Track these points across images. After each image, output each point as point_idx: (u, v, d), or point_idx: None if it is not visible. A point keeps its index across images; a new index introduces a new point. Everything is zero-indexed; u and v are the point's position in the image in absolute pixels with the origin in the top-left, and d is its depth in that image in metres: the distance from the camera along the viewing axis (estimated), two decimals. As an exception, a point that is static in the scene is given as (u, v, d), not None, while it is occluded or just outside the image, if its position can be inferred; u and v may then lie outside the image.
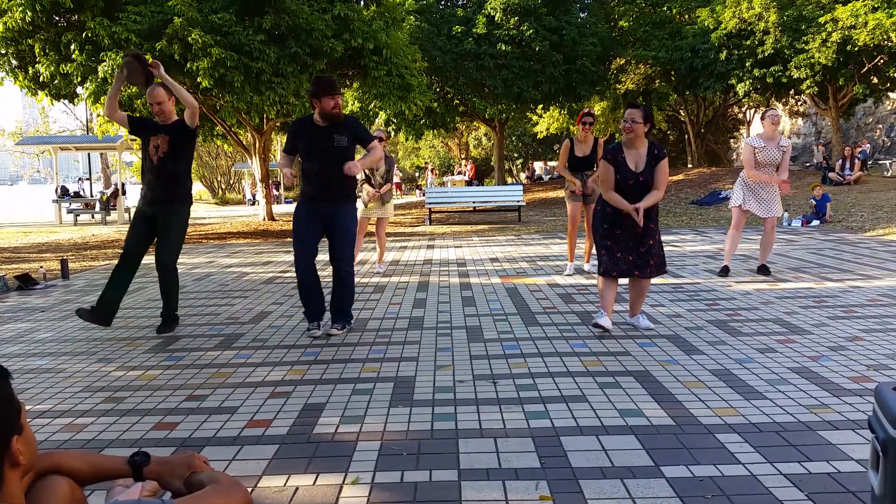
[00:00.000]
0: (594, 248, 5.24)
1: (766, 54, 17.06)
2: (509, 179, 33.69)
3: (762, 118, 6.52)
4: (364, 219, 7.76)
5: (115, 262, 5.49)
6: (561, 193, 18.32)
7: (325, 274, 5.40)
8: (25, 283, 7.22)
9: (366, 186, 7.56)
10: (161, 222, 4.93)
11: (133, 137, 13.68)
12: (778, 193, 6.62)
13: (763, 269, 6.70)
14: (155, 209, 4.94)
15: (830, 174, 16.35)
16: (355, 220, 4.89)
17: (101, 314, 4.92)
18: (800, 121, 27.26)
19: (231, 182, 38.92)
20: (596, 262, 5.11)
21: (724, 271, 6.71)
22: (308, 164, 4.79)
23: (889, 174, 17.58)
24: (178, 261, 5.12)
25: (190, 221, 5.25)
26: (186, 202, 5.09)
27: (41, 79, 11.66)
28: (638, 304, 4.77)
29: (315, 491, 2.44)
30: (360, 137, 4.79)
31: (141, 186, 5.11)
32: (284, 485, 2.50)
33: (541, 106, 22.84)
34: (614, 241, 4.55)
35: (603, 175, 4.59)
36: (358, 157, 4.92)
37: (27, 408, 3.40)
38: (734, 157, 31.62)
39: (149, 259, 5.20)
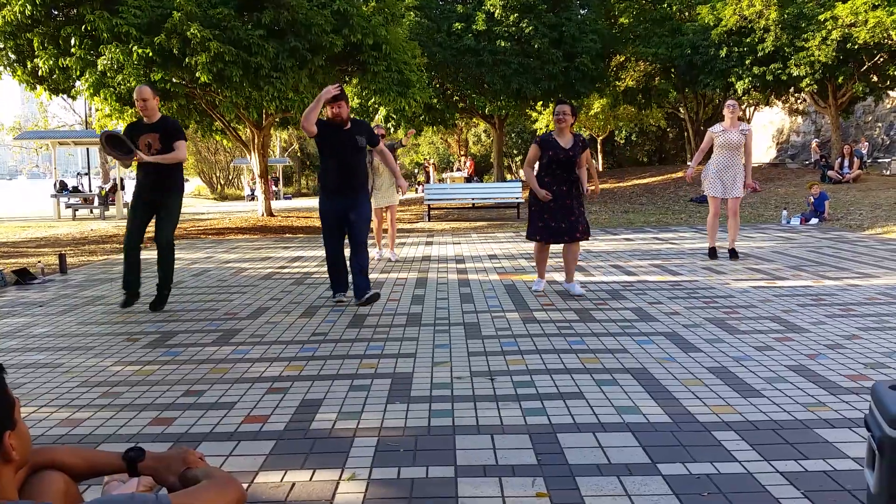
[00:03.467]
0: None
1: (766, 52, 17.04)
2: (508, 176, 33.67)
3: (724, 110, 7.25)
4: (378, 210, 8.16)
5: (113, 257, 5.71)
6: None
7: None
8: (23, 277, 7.21)
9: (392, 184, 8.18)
10: (160, 207, 5.47)
11: None
12: (740, 176, 7.25)
13: (733, 254, 7.41)
14: (153, 197, 5.47)
15: (829, 172, 16.35)
16: (370, 207, 5.65)
17: (133, 294, 5.65)
18: (799, 119, 27.24)
19: (230, 177, 38.90)
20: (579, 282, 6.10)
21: (712, 253, 7.45)
22: (329, 160, 5.45)
23: (888, 172, 17.58)
24: (177, 255, 5.73)
25: (189, 217, 5.84)
26: (181, 191, 5.61)
27: (40, 73, 11.64)
28: (571, 270, 5.85)
29: (312, 486, 2.44)
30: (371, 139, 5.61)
31: (136, 179, 5.60)
32: (281, 480, 2.50)
33: (540, 103, 22.81)
34: (545, 212, 5.64)
35: (529, 154, 5.78)
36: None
37: (23, 402, 3.40)
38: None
39: (144, 256, 5.34)
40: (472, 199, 15.45)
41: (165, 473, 1.66)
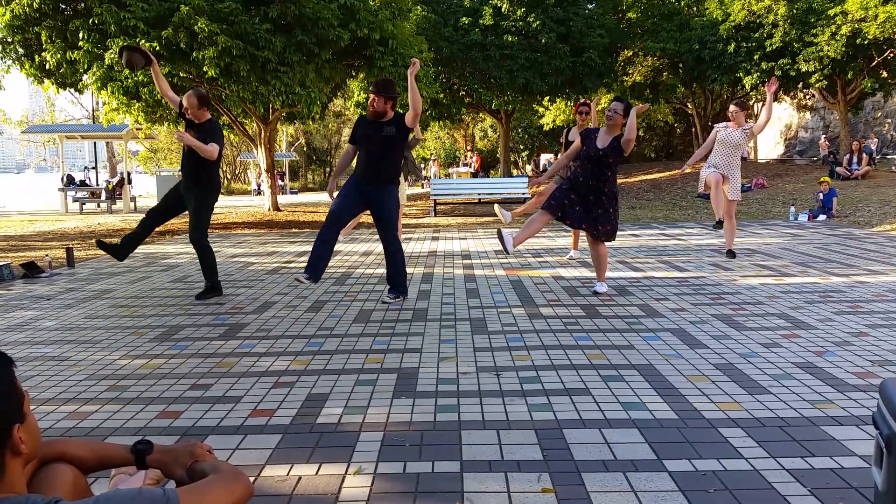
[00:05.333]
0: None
1: (775, 47, 16.94)
2: (515, 171, 33.64)
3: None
4: None
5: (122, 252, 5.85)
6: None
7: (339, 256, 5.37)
8: (31, 271, 7.24)
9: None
10: (187, 203, 5.74)
11: (139, 126, 13.73)
12: (738, 178, 7.16)
13: (730, 254, 7.30)
14: (183, 192, 5.77)
15: (838, 169, 16.26)
16: (397, 202, 5.57)
17: (117, 250, 5.88)
18: (807, 115, 27.09)
19: (236, 172, 38.96)
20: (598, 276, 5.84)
21: (719, 224, 7.25)
22: (361, 149, 5.51)
23: (897, 169, 17.47)
24: (184, 249, 5.82)
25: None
26: (206, 189, 5.75)
27: (47, 67, 11.66)
28: (598, 271, 5.71)
29: (318, 481, 2.45)
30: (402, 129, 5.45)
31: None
32: (287, 474, 2.51)
33: (547, 98, 22.76)
34: (567, 194, 5.55)
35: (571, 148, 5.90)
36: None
37: (31, 395, 3.42)
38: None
39: (153, 250, 5.37)
40: (479, 194, 15.43)
41: (173, 466, 1.66)
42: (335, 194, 5.58)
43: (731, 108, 7.11)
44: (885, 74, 17.14)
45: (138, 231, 5.87)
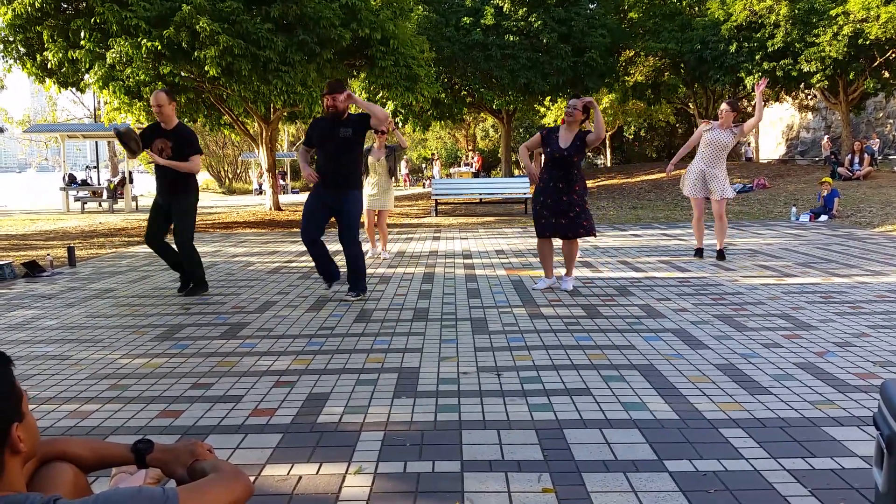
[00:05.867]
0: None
1: (777, 47, 16.93)
2: (516, 171, 33.61)
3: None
4: (370, 212, 7.88)
5: (122, 250, 5.90)
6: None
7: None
8: (32, 270, 7.25)
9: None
10: (173, 209, 5.74)
11: (141, 126, 13.74)
12: (724, 176, 7.13)
13: (720, 255, 7.28)
14: (166, 199, 5.76)
15: (839, 169, 16.24)
16: (360, 205, 5.63)
17: (185, 276, 6.00)
18: (809, 115, 27.06)
19: (238, 171, 38.96)
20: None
21: (699, 253, 7.44)
22: (318, 153, 5.55)
23: (899, 169, 17.46)
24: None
25: (197, 210, 5.92)
26: (191, 193, 5.81)
27: (49, 66, 11.67)
28: (568, 267, 5.81)
29: (318, 480, 2.45)
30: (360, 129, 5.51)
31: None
32: (288, 473, 2.51)
33: (549, 98, 22.74)
34: (544, 208, 5.62)
35: (531, 140, 5.87)
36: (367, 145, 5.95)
37: (32, 394, 3.42)
38: (741, 150, 31.45)
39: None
40: (480, 194, 15.43)
41: (174, 465, 1.66)
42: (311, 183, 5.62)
43: (724, 106, 7.03)
44: (886, 75, 17.12)
45: (171, 262, 5.98)
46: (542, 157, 5.82)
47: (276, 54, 11.05)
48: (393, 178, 8.07)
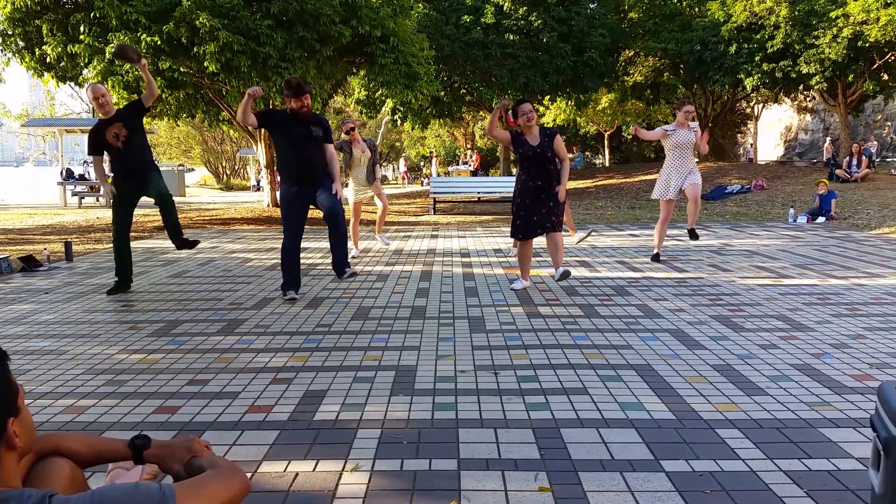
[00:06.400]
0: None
1: (776, 49, 16.93)
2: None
3: (677, 109, 7.17)
4: (357, 204, 7.93)
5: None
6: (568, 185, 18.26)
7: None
8: (29, 264, 7.23)
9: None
10: (144, 184, 5.79)
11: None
12: (695, 168, 7.20)
13: (692, 234, 7.40)
14: (134, 186, 5.80)
15: (837, 171, 16.26)
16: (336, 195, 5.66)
17: (123, 283, 5.94)
18: (808, 117, 27.09)
19: (235, 168, 38.91)
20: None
21: (655, 258, 7.31)
22: (286, 151, 5.53)
23: (897, 172, 17.49)
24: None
25: (194, 206, 6.13)
26: (157, 170, 5.97)
27: (48, 60, 11.64)
28: (557, 260, 5.77)
29: (315, 477, 2.45)
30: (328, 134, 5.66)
31: (114, 180, 5.85)
32: (284, 470, 2.50)
33: (548, 97, 22.73)
34: (522, 209, 5.68)
35: (503, 133, 5.87)
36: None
37: (28, 389, 3.42)
38: (741, 151, 31.49)
39: (151, 245, 5.38)
40: (478, 192, 15.43)
41: (170, 461, 1.66)
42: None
43: (688, 107, 7.03)
44: (885, 77, 17.14)
45: (127, 266, 5.97)
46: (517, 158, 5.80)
47: (276, 51, 11.02)
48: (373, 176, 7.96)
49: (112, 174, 5.87)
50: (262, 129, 15.21)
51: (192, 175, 39.93)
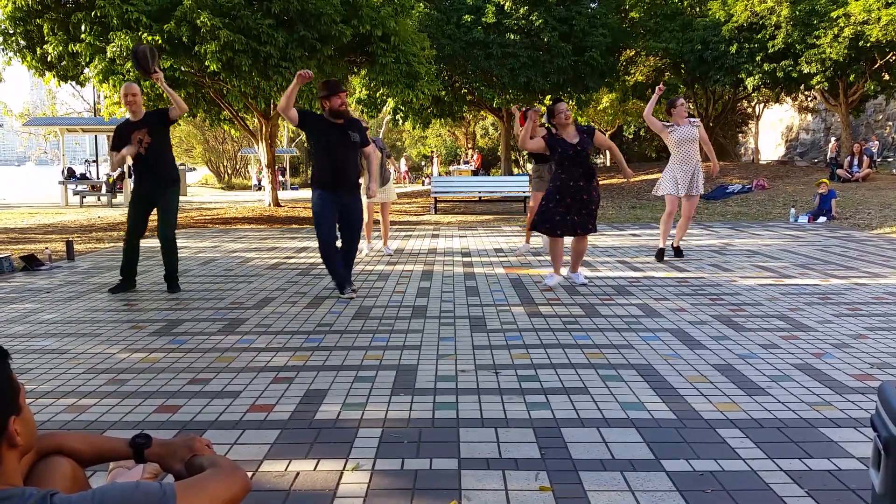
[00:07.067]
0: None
1: (777, 48, 16.92)
2: (515, 170, 33.60)
3: (668, 111, 7.24)
4: (370, 205, 7.95)
5: (121, 244, 5.89)
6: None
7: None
8: (31, 263, 7.24)
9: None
10: (159, 202, 5.74)
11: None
12: (699, 173, 7.17)
13: (678, 252, 7.38)
14: (152, 191, 5.73)
15: (838, 171, 16.25)
16: (362, 207, 5.81)
17: (128, 281, 5.93)
18: (809, 117, 27.07)
19: (237, 167, 38.92)
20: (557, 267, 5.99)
21: (660, 255, 7.24)
22: (321, 156, 5.49)
23: (898, 172, 17.46)
24: (184, 243, 5.94)
25: (196, 206, 6.16)
26: (177, 183, 5.88)
27: (49, 59, 11.65)
28: (577, 262, 5.96)
29: (316, 476, 2.45)
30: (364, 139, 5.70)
31: (134, 176, 5.90)
32: (285, 470, 2.51)
33: (549, 96, 22.72)
34: (561, 206, 5.64)
35: (537, 142, 5.83)
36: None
37: (30, 388, 3.42)
38: (742, 151, 31.48)
39: (152, 244, 5.44)
40: (479, 192, 15.42)
41: (171, 460, 1.66)
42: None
43: (682, 101, 7.09)
44: (886, 77, 17.12)
45: (133, 263, 5.94)
46: (552, 161, 5.84)
47: (277, 50, 11.03)
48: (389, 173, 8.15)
49: (133, 175, 5.92)
50: (266, 130, 15.29)
51: (194, 174, 39.97)
